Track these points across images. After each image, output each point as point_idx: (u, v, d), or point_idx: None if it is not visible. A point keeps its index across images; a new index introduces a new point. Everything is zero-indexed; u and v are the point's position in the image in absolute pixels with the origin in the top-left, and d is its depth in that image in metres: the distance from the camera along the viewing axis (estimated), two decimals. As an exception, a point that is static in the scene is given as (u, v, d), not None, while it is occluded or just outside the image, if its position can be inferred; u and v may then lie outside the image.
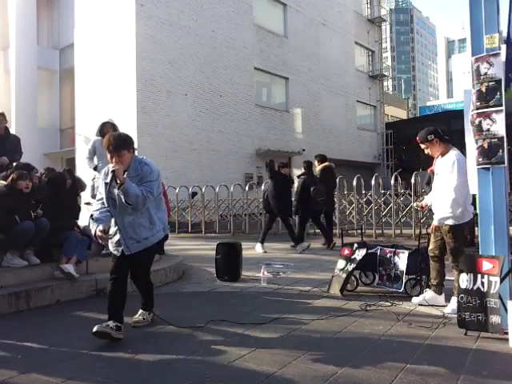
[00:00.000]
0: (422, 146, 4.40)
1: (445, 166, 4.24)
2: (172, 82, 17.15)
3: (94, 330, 3.39)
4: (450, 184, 4.12)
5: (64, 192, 5.60)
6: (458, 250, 4.18)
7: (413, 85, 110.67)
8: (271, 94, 22.52)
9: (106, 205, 3.63)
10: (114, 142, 3.49)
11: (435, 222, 4.32)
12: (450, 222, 4.20)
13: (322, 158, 9.60)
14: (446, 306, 4.25)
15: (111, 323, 3.50)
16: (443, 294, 4.38)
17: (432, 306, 4.31)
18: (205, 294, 5.24)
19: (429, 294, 4.44)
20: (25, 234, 4.82)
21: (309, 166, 9.29)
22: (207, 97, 18.29)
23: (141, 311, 4.00)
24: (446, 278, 4.45)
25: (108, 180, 3.52)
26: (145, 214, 3.60)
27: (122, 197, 3.44)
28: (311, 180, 8.96)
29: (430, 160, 4.78)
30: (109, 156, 3.52)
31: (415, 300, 4.47)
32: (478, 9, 3.66)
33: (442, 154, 4.34)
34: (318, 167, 9.55)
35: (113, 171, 3.44)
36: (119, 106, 16.20)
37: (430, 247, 4.47)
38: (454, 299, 4.10)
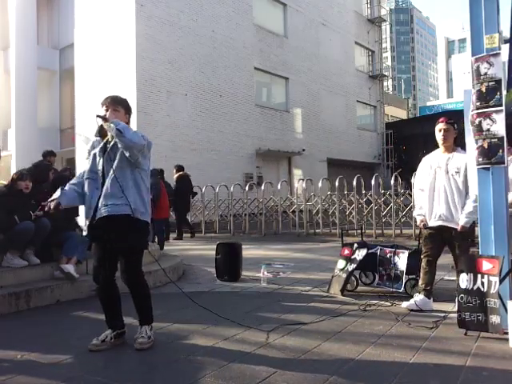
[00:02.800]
0: (444, 126, 4.18)
1: (461, 164, 4.08)
2: (172, 82, 17.15)
3: (90, 348, 3.25)
4: (472, 183, 3.92)
5: None
6: (469, 249, 4.16)
7: (413, 85, 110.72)
8: (271, 94, 22.52)
9: (87, 176, 3.34)
10: (113, 96, 3.39)
11: (463, 223, 4.04)
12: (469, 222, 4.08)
13: (178, 168, 11.85)
14: (435, 310, 4.18)
15: (109, 335, 3.36)
16: (432, 298, 4.30)
17: (422, 311, 4.17)
18: (205, 294, 5.23)
19: (419, 297, 4.27)
20: (24, 233, 4.82)
21: (161, 172, 10.45)
22: (207, 97, 18.29)
23: (140, 329, 3.41)
24: (446, 278, 4.45)
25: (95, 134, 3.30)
26: (119, 180, 3.20)
27: (111, 126, 3.12)
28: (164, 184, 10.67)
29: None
30: (103, 109, 3.29)
31: (404, 304, 4.30)
32: (478, 9, 3.66)
33: (449, 150, 4.20)
34: (175, 175, 11.63)
35: (102, 116, 3.20)
36: (119, 106, 16.18)
37: (430, 252, 4.29)
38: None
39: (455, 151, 4.20)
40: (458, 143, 4.29)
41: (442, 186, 4.19)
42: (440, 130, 4.23)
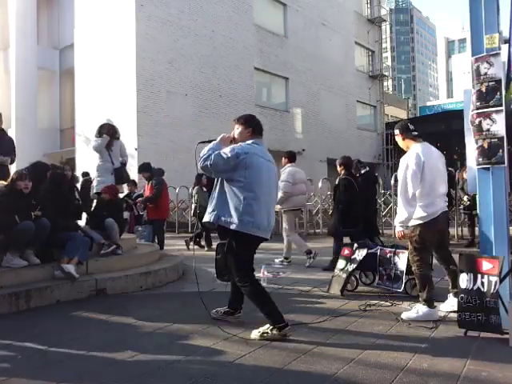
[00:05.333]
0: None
1: (399, 168, 4.03)
2: (172, 82, 17.15)
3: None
4: (399, 184, 3.98)
5: (67, 191, 5.61)
6: (412, 253, 4.02)
7: (413, 85, 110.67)
8: (271, 94, 22.52)
9: None
10: (241, 115, 3.90)
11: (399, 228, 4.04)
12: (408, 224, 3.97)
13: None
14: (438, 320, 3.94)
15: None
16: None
17: (425, 321, 3.87)
18: (205, 294, 5.22)
19: (451, 300, 4.11)
20: (25, 233, 4.81)
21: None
22: (207, 97, 18.29)
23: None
24: (446, 278, 4.43)
25: None
26: (214, 191, 3.68)
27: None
28: None
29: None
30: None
31: (404, 315, 3.97)
32: (477, 9, 3.67)
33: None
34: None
35: (208, 140, 3.79)
36: (119, 105, 16.19)
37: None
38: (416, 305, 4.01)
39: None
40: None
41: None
42: None
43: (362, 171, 7.44)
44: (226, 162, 3.49)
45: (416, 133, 4.14)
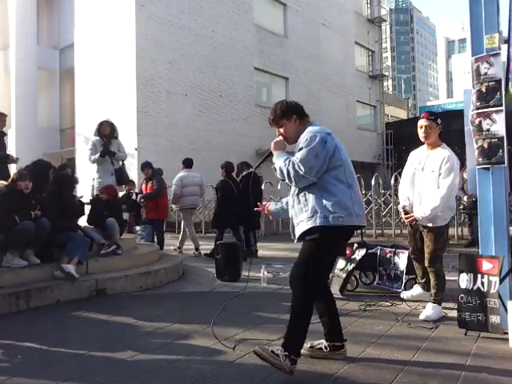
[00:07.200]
0: (424, 122, 4.01)
1: (437, 162, 3.97)
2: (172, 82, 17.15)
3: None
4: (444, 183, 3.91)
5: (69, 192, 5.61)
6: (436, 253, 4.02)
7: (413, 85, 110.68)
8: (271, 94, 22.51)
9: None
10: (272, 114, 3.11)
11: (424, 222, 3.99)
12: (436, 223, 4.00)
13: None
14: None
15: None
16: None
17: (419, 301, 4.37)
18: (205, 294, 5.24)
19: (416, 290, 4.47)
20: (25, 233, 4.81)
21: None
22: (207, 97, 18.29)
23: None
24: (446, 278, 4.43)
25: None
26: (301, 194, 2.90)
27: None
28: None
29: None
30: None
31: (403, 295, 4.52)
32: (477, 9, 3.66)
33: (433, 146, 4.07)
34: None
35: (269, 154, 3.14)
36: (119, 105, 16.19)
37: (412, 249, 4.33)
38: (429, 305, 4.03)
39: (439, 147, 4.05)
40: (444, 139, 4.13)
41: (419, 185, 4.14)
42: (421, 127, 4.07)
43: (244, 173, 8.15)
44: (308, 160, 2.78)
45: None
